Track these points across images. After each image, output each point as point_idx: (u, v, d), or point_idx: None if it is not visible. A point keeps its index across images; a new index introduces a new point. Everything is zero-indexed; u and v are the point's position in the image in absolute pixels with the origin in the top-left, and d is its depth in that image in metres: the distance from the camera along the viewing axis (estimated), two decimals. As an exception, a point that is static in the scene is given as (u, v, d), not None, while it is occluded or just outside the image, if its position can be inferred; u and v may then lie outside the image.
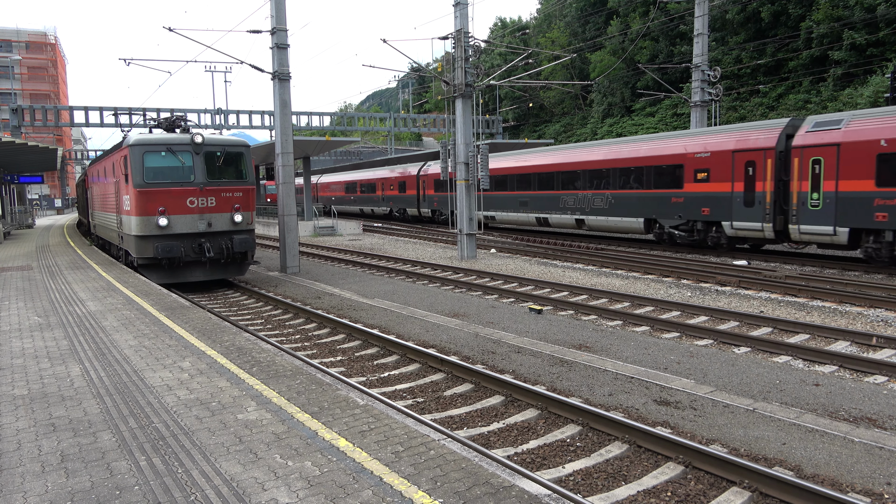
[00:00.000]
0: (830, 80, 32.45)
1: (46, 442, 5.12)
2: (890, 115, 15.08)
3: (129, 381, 6.67)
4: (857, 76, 31.69)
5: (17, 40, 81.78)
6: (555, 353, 8.98)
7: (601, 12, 49.08)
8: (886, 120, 15.00)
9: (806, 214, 16.38)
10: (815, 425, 6.15)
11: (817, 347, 9.08)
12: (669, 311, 11.98)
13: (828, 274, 15.43)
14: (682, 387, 7.36)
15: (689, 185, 19.57)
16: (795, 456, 5.62)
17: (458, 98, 20.17)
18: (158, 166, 14.69)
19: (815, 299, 12.58)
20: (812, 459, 5.54)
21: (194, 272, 15.24)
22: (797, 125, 17.23)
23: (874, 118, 15.38)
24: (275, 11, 17.62)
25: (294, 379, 6.69)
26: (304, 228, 32.53)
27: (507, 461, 5.53)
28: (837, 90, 32.20)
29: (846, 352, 8.91)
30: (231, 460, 4.68)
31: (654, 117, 42.19)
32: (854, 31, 30.92)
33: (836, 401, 6.99)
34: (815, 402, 6.97)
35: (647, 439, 5.94)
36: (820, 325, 10.14)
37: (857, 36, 30.68)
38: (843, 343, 9.50)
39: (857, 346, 9.37)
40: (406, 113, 66.97)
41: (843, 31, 31.41)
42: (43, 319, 10.14)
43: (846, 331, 9.77)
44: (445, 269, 18.37)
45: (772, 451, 5.75)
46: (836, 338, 9.73)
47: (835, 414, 6.62)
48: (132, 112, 43.60)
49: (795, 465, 5.47)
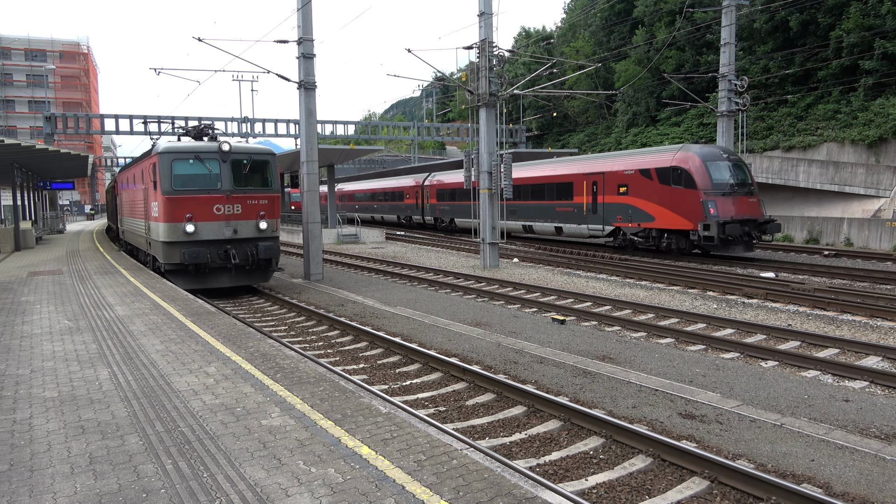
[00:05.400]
0: (861, 90, 31.91)
1: (76, 444, 5.21)
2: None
3: (155, 386, 6.77)
4: (889, 86, 31.13)
5: (51, 50, 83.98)
6: (578, 364, 8.92)
7: (626, 22, 48.89)
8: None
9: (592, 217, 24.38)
10: (846, 442, 6.02)
11: (847, 362, 8.89)
12: (695, 324, 11.84)
13: (859, 287, 15.13)
14: (707, 400, 7.26)
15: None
16: (825, 473, 5.51)
17: (481, 107, 20.21)
18: (186, 174, 14.92)
19: (846, 313, 12.34)
20: (842, 477, 5.43)
21: (220, 278, 15.43)
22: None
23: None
24: (302, 22, 17.86)
25: (317, 386, 6.73)
26: (327, 236, 32.77)
27: (529, 472, 5.50)
28: (868, 100, 31.65)
29: (877, 367, 8.71)
30: (255, 465, 4.72)
31: (679, 127, 41.81)
32: (886, 41, 30.40)
33: (866, 417, 6.84)
34: (845, 419, 6.83)
35: (672, 453, 5.86)
36: (850, 340, 9.94)
37: (889, 45, 30.15)
38: (875, 358, 9.29)
39: (889, 361, 9.16)
40: (430, 122, 67.25)
41: (874, 41, 30.87)
42: (73, 323, 10.34)
43: (878, 346, 9.55)
44: (468, 278, 18.36)
45: (800, 467, 5.64)
46: (866, 353, 9.52)
47: (865, 431, 6.48)
48: (161, 120, 44.19)
49: (825, 483, 5.36)
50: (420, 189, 41.16)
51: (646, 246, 22.59)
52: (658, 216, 21.60)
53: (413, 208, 42.29)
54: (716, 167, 20.50)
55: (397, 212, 44.97)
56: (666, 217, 21.32)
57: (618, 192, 23.02)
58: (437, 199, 38.58)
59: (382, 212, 47.80)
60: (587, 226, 24.81)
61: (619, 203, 23.07)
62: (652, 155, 22.34)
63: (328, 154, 33.13)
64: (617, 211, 23.15)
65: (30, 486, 4.47)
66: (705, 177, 20.19)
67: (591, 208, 24.45)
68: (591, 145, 50.71)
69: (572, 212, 25.51)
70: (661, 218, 21.53)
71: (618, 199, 23.09)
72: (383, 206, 47.49)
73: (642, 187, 22.01)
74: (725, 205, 19.87)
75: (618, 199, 23.09)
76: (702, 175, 20.23)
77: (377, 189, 48.94)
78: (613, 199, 23.23)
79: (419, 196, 41.23)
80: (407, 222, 43.87)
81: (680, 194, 20.70)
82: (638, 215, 22.30)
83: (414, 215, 42.23)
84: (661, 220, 21.55)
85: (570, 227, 25.74)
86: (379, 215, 48.36)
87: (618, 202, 23.10)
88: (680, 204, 20.73)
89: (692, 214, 20.32)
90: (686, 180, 20.54)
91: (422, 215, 41.11)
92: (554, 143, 56.59)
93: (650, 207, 21.84)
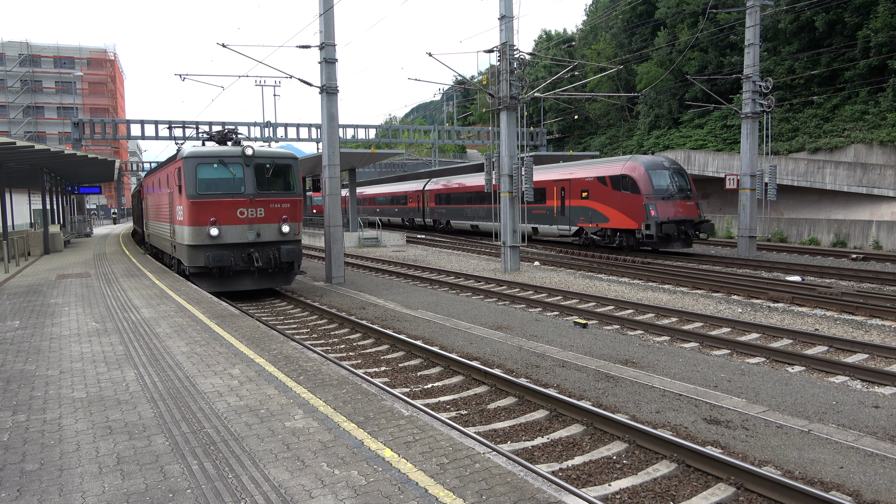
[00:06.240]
0: (890, 90, 31.30)
1: (103, 444, 5.30)
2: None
3: (181, 387, 6.86)
4: (919, 86, 30.51)
5: (79, 57, 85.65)
6: (600, 368, 8.86)
7: (648, 24, 48.51)
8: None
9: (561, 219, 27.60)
10: (875, 449, 5.91)
11: (877, 368, 8.72)
12: (719, 328, 11.69)
13: (888, 291, 14.84)
14: (732, 406, 7.17)
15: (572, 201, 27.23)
16: (854, 481, 5.41)
17: (502, 110, 20.20)
18: (211, 178, 15.10)
19: (874, 317, 12.10)
20: (872, 485, 5.32)
21: (243, 281, 15.59)
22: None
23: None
24: (323, 27, 18.01)
25: (340, 388, 6.76)
26: (348, 239, 32.95)
27: (552, 477, 5.47)
28: (897, 101, 31.05)
29: (908, 373, 8.54)
30: (279, 467, 4.76)
31: (702, 129, 41.38)
32: (915, 40, 29.82)
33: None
34: (875, 425, 6.70)
35: (697, 459, 5.79)
36: (879, 345, 9.74)
37: (919, 45, 29.58)
38: (905, 364, 9.11)
39: (920, 367, 8.97)
40: (450, 125, 67.32)
41: (903, 40, 30.31)
42: (100, 325, 10.51)
43: (908, 351, 9.37)
44: (489, 281, 18.34)
45: (829, 474, 5.54)
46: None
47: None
48: (186, 125, 45.03)
49: (854, 491, 5.26)
50: (421, 194, 44.81)
51: (603, 243, 25.68)
52: (612, 217, 24.83)
53: (415, 211, 45.98)
54: (657, 175, 23.67)
55: (402, 214, 48.52)
56: (618, 218, 24.51)
57: (581, 196, 26.33)
58: (436, 202, 42.45)
59: (389, 214, 51.12)
60: (557, 226, 28.29)
61: (581, 206, 26.39)
62: (607, 164, 25.76)
63: (349, 158, 33.33)
64: (580, 213, 26.50)
65: (59, 484, 4.56)
66: (648, 183, 23.33)
67: (560, 211, 27.91)
68: (612, 148, 50.38)
69: (545, 214, 29.00)
70: (614, 219, 24.74)
71: (581, 203, 26.39)
72: (391, 209, 50.99)
73: (600, 193, 25.32)
74: (664, 207, 23.03)
75: (581, 203, 26.39)
76: (645, 182, 23.38)
77: (386, 193, 52.35)
78: (577, 203, 26.57)
79: (420, 200, 44.99)
80: (410, 224, 47.34)
81: (628, 198, 23.89)
82: (596, 217, 25.64)
83: (416, 218, 45.98)
84: (614, 221, 24.74)
85: (543, 227, 29.44)
86: (385, 218, 51.30)
87: (581, 205, 26.42)
88: (628, 207, 23.92)
89: (637, 216, 23.44)
90: (632, 186, 23.70)
91: (423, 218, 44.83)
92: (575, 146, 56.33)
93: (605, 210, 25.12)
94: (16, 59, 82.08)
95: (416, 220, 46.39)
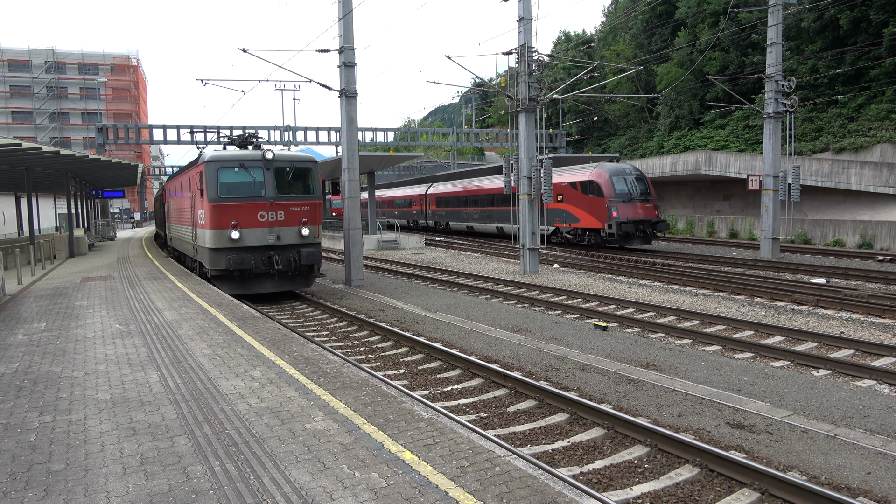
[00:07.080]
0: (917, 88, 30.77)
1: (127, 445, 5.37)
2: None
3: (203, 389, 6.93)
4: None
5: (103, 63, 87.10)
6: (621, 371, 8.79)
7: (668, 24, 48.13)
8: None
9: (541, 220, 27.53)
10: (905, 455, 5.79)
11: (905, 372, 8.55)
12: (742, 331, 11.55)
13: (915, 294, 14.54)
14: (756, 409, 7.07)
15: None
16: (882, 487, 5.30)
17: (521, 112, 20.15)
18: (232, 181, 15.25)
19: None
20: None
21: (264, 284, 15.71)
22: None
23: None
24: (343, 31, 18.11)
25: (360, 390, 6.79)
26: (368, 242, 33.05)
27: (573, 480, 5.43)
28: (924, 99, 30.49)
29: (938, 377, 8.36)
30: (300, 469, 4.78)
31: (724, 130, 40.92)
32: (943, 37, 29.25)
33: (927, 429, 6.56)
34: (904, 430, 6.56)
35: (720, 463, 5.72)
36: (907, 348, 9.56)
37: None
38: (934, 368, 8.92)
39: (950, 371, 8.77)
40: (469, 128, 67.30)
41: (930, 38, 29.76)
42: (124, 327, 10.66)
43: (937, 355, 9.17)
44: (508, 283, 18.29)
45: (855, 480, 5.44)
46: (925, 362, 9.15)
47: (926, 443, 6.21)
48: (207, 130, 45.32)
49: (882, 497, 5.16)
50: (424, 197, 48.35)
51: (575, 241, 28.73)
52: (581, 218, 28.02)
53: (419, 214, 49.52)
54: (619, 180, 26.75)
55: (407, 217, 51.74)
56: (586, 219, 27.70)
57: (557, 200, 29.14)
58: (437, 205, 46.00)
59: (396, 217, 53.70)
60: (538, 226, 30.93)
61: (558, 208, 29.37)
62: (579, 171, 28.97)
63: (368, 161, 33.49)
64: (556, 214, 29.57)
65: (84, 484, 4.62)
66: (610, 188, 26.48)
67: (541, 213, 29.94)
68: (632, 149, 50.04)
69: None
70: (583, 220, 27.91)
71: (557, 206, 29.31)
72: (399, 211, 54.11)
73: (572, 196, 28.49)
74: (624, 209, 26.06)
75: (557, 206, 29.31)
76: (608, 186, 26.53)
77: (395, 196, 55.65)
78: (555, 206, 29.38)
79: (423, 203, 48.55)
80: (414, 225, 50.69)
81: (594, 201, 27.06)
82: (569, 218, 28.84)
83: (419, 220, 49.48)
84: (583, 222, 27.92)
85: None
86: (393, 220, 51.98)
87: (557, 208, 29.37)
88: (594, 209, 27.07)
89: (602, 216, 26.59)
90: (598, 191, 26.85)
91: (425, 220, 48.35)
92: (594, 148, 56.03)
93: (577, 212, 28.31)
94: (42, 65, 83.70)
95: (419, 222, 49.67)
